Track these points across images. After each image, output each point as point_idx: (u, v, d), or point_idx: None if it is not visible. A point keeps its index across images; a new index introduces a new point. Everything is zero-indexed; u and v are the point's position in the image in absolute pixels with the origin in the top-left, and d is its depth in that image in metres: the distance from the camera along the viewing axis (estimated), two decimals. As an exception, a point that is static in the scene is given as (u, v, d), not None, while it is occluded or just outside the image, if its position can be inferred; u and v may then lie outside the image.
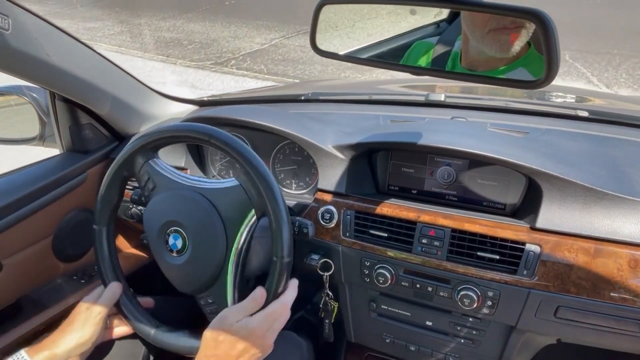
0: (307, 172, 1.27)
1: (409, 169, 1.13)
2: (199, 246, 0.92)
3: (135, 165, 0.98)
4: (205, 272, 0.92)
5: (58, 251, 1.31)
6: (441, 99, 1.35)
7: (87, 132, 1.35)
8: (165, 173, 0.98)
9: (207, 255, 0.92)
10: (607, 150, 1.10)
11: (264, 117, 1.21)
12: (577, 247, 0.92)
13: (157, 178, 0.97)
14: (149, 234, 0.98)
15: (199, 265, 0.93)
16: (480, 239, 1.00)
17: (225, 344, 0.81)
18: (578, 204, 0.93)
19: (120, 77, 1.34)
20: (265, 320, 0.85)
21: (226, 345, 0.81)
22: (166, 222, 0.94)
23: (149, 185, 0.97)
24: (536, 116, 1.29)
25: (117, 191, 1.01)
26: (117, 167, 0.99)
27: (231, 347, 0.81)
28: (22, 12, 0.99)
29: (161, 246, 0.96)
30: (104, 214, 1.01)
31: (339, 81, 4.05)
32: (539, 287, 0.95)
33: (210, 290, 0.94)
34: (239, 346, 0.82)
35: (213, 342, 0.82)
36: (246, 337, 0.82)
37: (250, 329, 0.83)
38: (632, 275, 0.89)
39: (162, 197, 0.96)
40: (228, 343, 0.81)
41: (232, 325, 0.83)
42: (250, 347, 0.82)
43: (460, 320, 1.10)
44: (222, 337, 0.82)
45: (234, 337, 0.82)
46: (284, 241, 0.86)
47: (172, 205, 0.95)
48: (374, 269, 1.08)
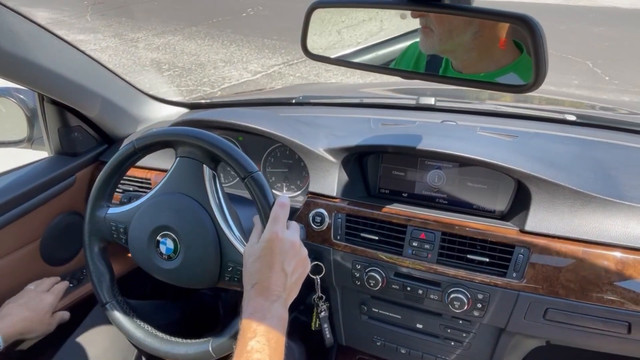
0: (298, 175, 1.27)
1: (399, 172, 1.14)
2: (188, 233, 0.91)
3: (101, 229, 1.00)
4: (207, 251, 0.91)
5: (46, 255, 1.29)
6: (431, 103, 1.36)
7: (76, 134, 1.34)
8: (123, 208, 1.00)
9: (200, 235, 0.91)
10: (595, 153, 1.12)
11: (255, 120, 1.21)
12: (566, 249, 0.93)
13: (121, 218, 0.99)
14: (140, 256, 0.97)
15: (199, 248, 0.91)
16: (470, 242, 1.01)
17: (256, 267, 0.78)
18: (566, 207, 0.94)
19: (110, 79, 1.33)
20: (274, 224, 0.81)
21: (258, 267, 0.78)
22: (151, 233, 0.94)
23: (120, 230, 0.99)
24: (525, 120, 1.30)
25: (104, 265, 1.02)
26: (89, 244, 1.01)
27: (264, 265, 0.77)
28: (9, 12, 0.98)
29: (158, 260, 0.94)
30: (104, 291, 1.01)
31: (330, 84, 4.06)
32: (528, 290, 0.95)
33: (224, 261, 0.91)
34: (269, 260, 0.77)
35: (247, 275, 0.79)
36: (268, 248, 0.78)
37: (265, 239, 0.79)
38: (619, 277, 0.90)
39: (135, 223, 0.96)
40: (258, 264, 0.78)
41: (251, 252, 0.80)
42: (280, 254, 0.78)
43: (451, 322, 1.11)
44: (249, 264, 0.79)
45: (259, 257, 0.78)
46: (241, 160, 0.86)
47: (145, 220, 0.95)
48: (364, 272, 1.08)
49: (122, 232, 0.98)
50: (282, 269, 0.77)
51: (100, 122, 1.36)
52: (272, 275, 0.76)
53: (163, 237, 0.93)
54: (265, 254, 0.78)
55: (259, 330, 0.70)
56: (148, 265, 0.96)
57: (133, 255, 0.98)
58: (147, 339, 0.97)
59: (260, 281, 0.76)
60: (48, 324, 1.14)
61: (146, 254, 0.95)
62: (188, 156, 0.91)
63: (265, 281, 0.76)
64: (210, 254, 0.90)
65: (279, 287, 0.76)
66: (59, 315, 1.18)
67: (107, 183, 1.00)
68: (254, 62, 6.18)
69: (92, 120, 1.35)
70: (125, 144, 0.96)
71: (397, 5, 0.85)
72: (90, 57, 1.24)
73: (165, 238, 0.92)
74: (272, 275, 0.76)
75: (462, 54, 0.82)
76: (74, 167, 1.33)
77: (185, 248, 0.91)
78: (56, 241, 1.31)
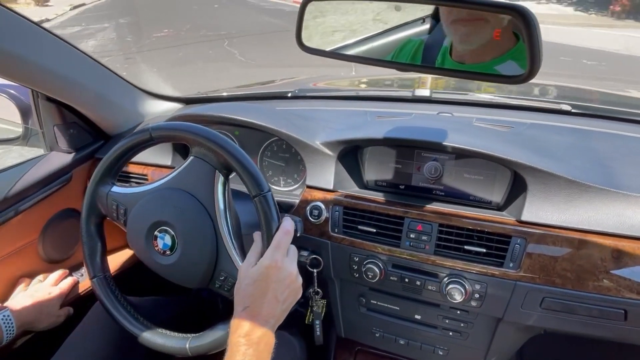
0: (295, 168, 1.27)
1: (396, 165, 1.14)
2: (188, 234, 0.91)
3: (101, 202, 0.99)
4: (204, 255, 0.91)
5: (44, 252, 1.29)
6: (427, 95, 1.36)
7: (72, 131, 1.33)
8: (129, 190, 0.98)
9: (199, 238, 0.91)
10: (590, 143, 1.12)
11: (251, 114, 1.21)
12: (562, 239, 0.94)
13: (124, 199, 0.98)
14: (136, 244, 0.97)
15: (196, 251, 0.91)
16: (467, 233, 1.01)
17: (250, 292, 0.78)
18: (562, 196, 0.95)
19: (105, 76, 1.33)
20: (275, 252, 0.81)
21: (252, 292, 0.78)
22: (149, 227, 0.93)
23: (120, 211, 0.98)
24: (521, 111, 1.30)
25: (97, 237, 1.01)
26: (87, 214, 1.00)
27: (258, 291, 0.78)
28: (1, 10, 0.98)
29: (153, 253, 0.94)
30: (95, 264, 1.01)
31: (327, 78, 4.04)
32: (524, 279, 0.96)
33: (217, 270, 0.91)
34: (264, 287, 0.78)
35: (239, 297, 0.79)
36: (265, 275, 0.79)
37: (264, 266, 0.80)
38: (615, 266, 0.91)
39: (136, 209, 0.96)
40: (252, 289, 0.78)
41: (247, 273, 0.80)
42: (276, 283, 0.79)
43: (449, 313, 1.12)
44: (244, 287, 0.79)
45: (255, 281, 0.79)
46: (255, 177, 0.85)
47: (147, 211, 0.95)
48: (363, 264, 1.09)
49: (122, 213, 0.98)
50: (275, 297, 0.78)
51: (96, 119, 1.36)
52: (265, 302, 0.78)
53: (162, 232, 0.93)
54: (261, 280, 0.79)
55: (247, 355, 0.72)
56: (141, 254, 0.97)
57: (129, 240, 0.98)
58: (128, 323, 0.97)
59: (252, 306, 0.77)
60: (56, 317, 1.18)
61: (142, 244, 0.95)
62: (203, 158, 0.90)
63: (257, 307, 0.77)
64: (205, 258, 0.90)
65: (269, 314, 0.78)
66: (65, 309, 1.22)
67: (115, 161, 0.98)
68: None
69: (88, 117, 1.34)
70: (141, 129, 0.94)
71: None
72: (84, 54, 1.23)
73: (164, 233, 0.92)
74: (265, 302, 0.78)
75: (484, 43, 0.81)
76: (70, 164, 1.33)
77: (182, 247, 0.91)
78: (54, 238, 1.31)
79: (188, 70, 7.09)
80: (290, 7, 14.01)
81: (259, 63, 7.36)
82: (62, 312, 1.20)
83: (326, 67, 5.13)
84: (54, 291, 1.20)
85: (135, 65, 7.51)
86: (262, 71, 6.94)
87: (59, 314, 1.19)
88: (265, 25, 10.78)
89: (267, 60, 7.56)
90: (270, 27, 10.60)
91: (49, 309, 1.16)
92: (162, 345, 0.93)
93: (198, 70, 7.08)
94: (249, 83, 2.13)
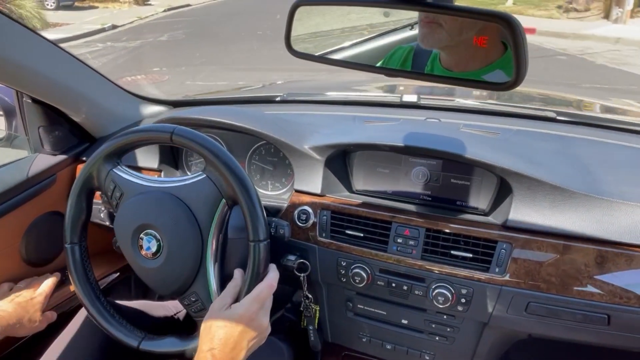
0: (283, 173, 1.27)
1: (383, 169, 1.14)
2: (175, 246, 0.91)
3: (100, 176, 0.97)
4: (183, 272, 0.91)
5: (27, 256, 1.27)
6: (415, 100, 1.37)
7: (57, 133, 1.31)
8: (131, 178, 0.96)
9: (184, 254, 0.91)
10: (574, 150, 1.14)
11: (239, 117, 1.21)
12: (547, 244, 0.95)
13: (124, 185, 0.96)
14: (122, 240, 0.96)
15: (177, 266, 0.92)
16: (453, 238, 1.02)
17: (219, 335, 0.80)
18: (547, 202, 0.96)
19: (91, 77, 1.31)
20: (254, 301, 0.83)
21: (221, 336, 0.80)
22: (138, 226, 0.93)
23: (116, 193, 0.96)
24: (508, 117, 1.32)
25: (84, 206, 0.99)
26: (82, 182, 0.97)
27: (227, 336, 0.80)
28: None
29: (135, 251, 0.94)
30: (75, 232, 0.99)
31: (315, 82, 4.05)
32: (510, 284, 0.97)
33: (191, 289, 0.92)
34: (234, 333, 0.80)
35: (207, 336, 0.80)
36: (238, 322, 0.80)
37: (239, 314, 0.81)
38: (598, 271, 0.92)
39: (131, 202, 0.95)
40: (222, 333, 0.80)
41: (220, 314, 0.81)
42: (245, 332, 0.81)
43: (435, 317, 1.12)
44: (214, 329, 0.80)
45: (226, 326, 0.80)
46: (259, 223, 0.85)
47: (142, 209, 0.94)
48: (350, 269, 1.09)
49: (117, 196, 0.96)
50: (241, 345, 0.80)
51: (81, 121, 1.34)
52: (232, 350, 0.79)
53: (149, 236, 0.92)
54: (232, 327, 0.80)
55: None
56: (124, 244, 0.96)
57: (115, 229, 0.97)
58: (89, 303, 0.98)
59: (218, 349, 0.79)
60: (38, 323, 1.15)
61: (127, 240, 0.94)
62: (215, 182, 0.89)
63: (222, 352, 0.79)
64: (183, 276, 0.91)
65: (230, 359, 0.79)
66: (48, 314, 1.19)
67: (128, 144, 0.96)
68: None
69: (73, 119, 1.33)
70: (164, 127, 0.92)
71: (381, 3, 0.85)
72: (70, 55, 1.22)
73: (152, 237, 0.92)
74: (232, 350, 0.79)
75: (462, 50, 0.82)
76: (55, 165, 1.31)
77: (166, 257, 0.91)
78: (37, 241, 1.29)
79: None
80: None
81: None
82: (45, 317, 1.18)
83: (327, 72, 5.15)
84: (37, 296, 1.18)
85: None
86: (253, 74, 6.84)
87: (41, 319, 1.17)
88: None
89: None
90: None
91: (31, 314, 1.14)
92: (115, 335, 0.95)
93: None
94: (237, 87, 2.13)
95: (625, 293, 0.91)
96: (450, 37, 0.80)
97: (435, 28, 0.81)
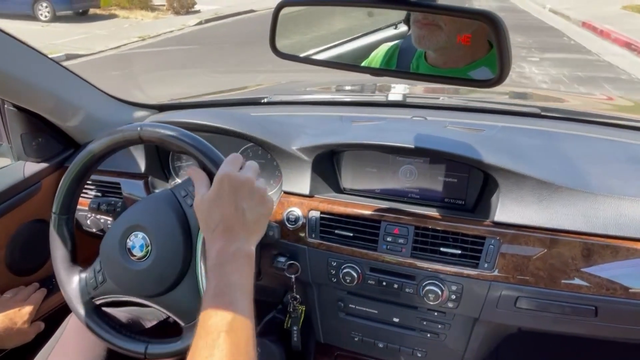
0: (271, 174, 1.27)
1: (371, 169, 1.15)
2: (163, 245, 0.89)
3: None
4: (174, 271, 0.89)
5: (11, 264, 1.25)
6: (401, 99, 1.38)
7: (40, 140, 1.30)
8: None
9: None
10: (559, 144, 1.15)
11: (226, 120, 1.20)
12: (534, 238, 0.96)
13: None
14: (107, 243, 0.94)
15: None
16: (442, 235, 1.02)
17: (213, 211, 0.74)
18: (534, 197, 0.97)
19: (74, 83, 1.29)
20: (227, 165, 0.77)
21: (215, 210, 0.74)
22: (130, 227, 0.91)
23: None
24: (493, 114, 1.33)
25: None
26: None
27: (221, 208, 0.74)
28: None
29: (123, 253, 0.92)
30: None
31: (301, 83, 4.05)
32: (499, 279, 0.98)
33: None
34: (225, 200, 0.74)
35: (204, 226, 0.75)
36: (222, 189, 0.74)
37: (218, 181, 0.75)
38: (585, 264, 0.93)
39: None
40: (214, 207, 0.74)
41: (204, 198, 0.76)
42: (234, 193, 0.74)
43: (426, 315, 1.12)
44: (204, 217, 0.75)
45: (210, 202, 0.75)
46: (208, 152, 0.85)
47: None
48: (340, 269, 1.09)
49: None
50: (236, 207, 0.74)
51: (65, 127, 1.32)
52: (229, 215, 0.73)
53: (135, 236, 0.91)
54: (217, 196, 0.74)
55: (224, 274, 0.68)
56: (109, 254, 0.94)
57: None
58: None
59: (221, 222, 0.73)
60: (25, 334, 1.14)
61: (114, 238, 0.93)
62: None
63: (225, 222, 0.73)
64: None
65: (240, 226, 0.73)
66: (36, 325, 1.17)
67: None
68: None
69: (57, 125, 1.31)
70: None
71: (365, 3, 0.85)
72: (53, 61, 1.20)
73: (142, 241, 0.91)
74: (228, 214, 0.73)
75: (456, 50, 0.83)
76: (39, 173, 1.29)
77: (153, 259, 0.90)
78: (22, 250, 1.27)
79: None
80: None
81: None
82: (32, 328, 1.16)
83: (324, 73, 5.08)
84: (25, 306, 1.16)
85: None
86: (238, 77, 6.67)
87: (29, 330, 1.15)
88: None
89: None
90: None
91: (19, 325, 1.12)
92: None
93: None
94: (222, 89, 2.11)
95: (612, 284, 0.92)
96: (448, 39, 0.81)
97: (434, 30, 0.81)
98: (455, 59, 0.85)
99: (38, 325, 1.18)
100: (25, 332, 1.14)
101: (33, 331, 1.16)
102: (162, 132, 0.87)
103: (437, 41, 0.82)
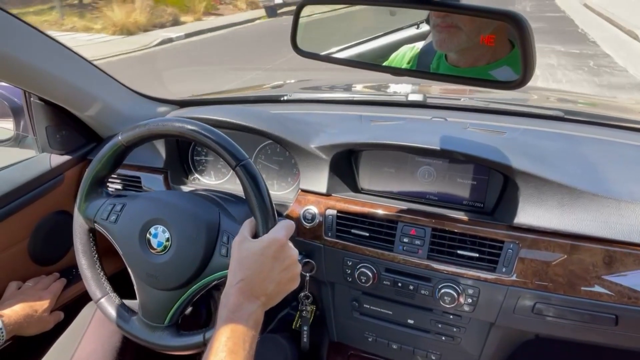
0: (288, 172, 1.27)
1: (389, 169, 1.14)
2: (184, 238, 0.89)
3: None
4: (196, 260, 0.89)
5: (35, 255, 1.28)
6: (421, 100, 1.37)
7: (64, 132, 1.32)
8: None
9: (194, 246, 0.89)
10: (582, 149, 1.13)
11: (245, 117, 1.21)
12: (554, 244, 0.94)
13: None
14: (126, 239, 0.94)
15: (188, 255, 0.89)
16: (460, 238, 1.01)
17: (247, 264, 0.75)
18: (554, 201, 0.95)
19: (98, 77, 1.32)
20: (282, 228, 0.79)
21: (250, 264, 0.75)
22: (146, 222, 0.92)
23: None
24: (514, 116, 1.31)
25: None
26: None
27: (256, 265, 0.75)
28: None
29: (144, 247, 0.92)
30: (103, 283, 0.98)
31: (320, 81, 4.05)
32: (517, 284, 0.96)
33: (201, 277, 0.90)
34: (263, 263, 0.75)
35: (235, 269, 0.76)
36: (267, 251, 0.76)
37: (267, 240, 0.77)
38: (606, 271, 0.91)
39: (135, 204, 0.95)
40: (251, 262, 0.75)
41: (247, 244, 0.77)
42: (277, 262, 0.76)
43: (441, 317, 1.12)
44: (242, 259, 0.76)
45: (255, 254, 0.76)
46: (230, 147, 0.84)
47: (148, 207, 0.94)
48: (356, 268, 1.09)
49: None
50: (270, 276, 0.75)
51: (89, 121, 1.35)
52: (262, 278, 0.75)
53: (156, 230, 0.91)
54: (264, 254, 0.76)
55: (235, 332, 0.70)
56: (129, 248, 0.94)
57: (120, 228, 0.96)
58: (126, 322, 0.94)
59: (248, 279, 0.74)
60: (45, 322, 1.17)
61: (134, 238, 0.93)
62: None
63: (253, 281, 0.74)
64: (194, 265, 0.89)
65: (263, 291, 0.75)
66: (55, 314, 1.20)
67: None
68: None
69: (81, 119, 1.33)
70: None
71: (388, 3, 0.85)
72: (78, 55, 1.22)
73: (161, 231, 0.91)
74: (262, 277, 0.75)
75: (476, 50, 0.82)
76: (62, 165, 1.32)
77: (174, 251, 0.90)
78: (45, 240, 1.29)
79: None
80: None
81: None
82: (52, 317, 1.19)
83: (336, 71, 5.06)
84: (45, 295, 1.19)
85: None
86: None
87: (49, 319, 1.18)
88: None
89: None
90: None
91: (40, 314, 1.15)
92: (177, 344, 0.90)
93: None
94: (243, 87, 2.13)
95: (634, 293, 0.90)
96: (469, 39, 0.80)
97: (454, 32, 0.80)
98: (476, 57, 0.84)
99: (58, 315, 1.21)
100: (46, 320, 1.16)
101: (53, 320, 1.19)
102: (187, 128, 0.88)
103: (458, 43, 0.81)
